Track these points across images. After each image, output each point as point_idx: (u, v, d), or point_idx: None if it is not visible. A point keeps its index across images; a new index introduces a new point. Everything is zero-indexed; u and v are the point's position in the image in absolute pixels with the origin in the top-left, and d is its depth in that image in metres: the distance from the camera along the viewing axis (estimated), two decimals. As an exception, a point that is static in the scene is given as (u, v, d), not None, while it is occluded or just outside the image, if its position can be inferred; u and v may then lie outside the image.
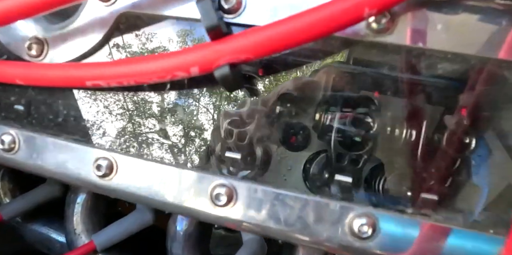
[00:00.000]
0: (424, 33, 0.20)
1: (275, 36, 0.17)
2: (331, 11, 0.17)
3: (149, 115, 0.27)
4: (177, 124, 0.27)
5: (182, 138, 0.28)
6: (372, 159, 0.26)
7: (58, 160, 0.25)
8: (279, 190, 0.22)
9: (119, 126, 0.26)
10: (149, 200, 0.24)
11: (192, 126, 0.28)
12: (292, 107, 0.28)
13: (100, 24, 0.24)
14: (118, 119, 0.26)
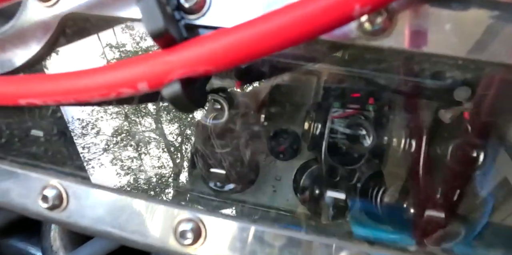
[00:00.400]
0: (429, 35, 0.16)
1: (242, 42, 0.13)
2: (312, 9, 0.13)
3: (110, 132, 0.23)
4: (141, 140, 0.24)
5: (147, 159, 0.24)
6: (368, 172, 0.24)
7: (1, 188, 0.21)
8: (257, 226, 0.18)
9: (71, 148, 0.22)
10: (107, 235, 0.20)
11: (157, 141, 0.24)
12: (279, 114, 0.25)
13: (42, 29, 0.20)
14: (71, 138, 0.22)
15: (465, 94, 0.20)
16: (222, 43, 0.14)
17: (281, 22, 0.13)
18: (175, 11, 0.16)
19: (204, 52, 0.14)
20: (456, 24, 0.17)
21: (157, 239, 0.19)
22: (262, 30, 0.13)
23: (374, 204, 0.24)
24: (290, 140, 0.26)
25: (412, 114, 0.22)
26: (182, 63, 0.14)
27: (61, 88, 0.16)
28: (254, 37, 0.13)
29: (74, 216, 0.20)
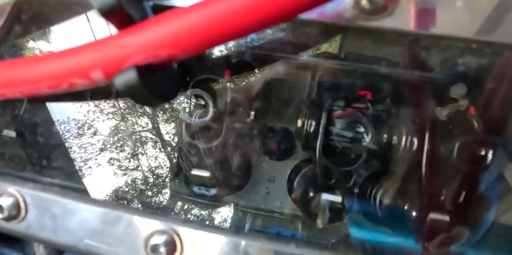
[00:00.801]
0: (437, 14, 0.14)
1: (211, 18, 0.11)
2: None
3: (74, 129, 0.20)
4: (114, 140, 0.21)
5: (123, 161, 0.21)
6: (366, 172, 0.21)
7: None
8: (240, 238, 0.16)
9: (29, 149, 0.20)
10: (71, 248, 0.18)
11: (137, 141, 0.21)
12: (270, 111, 0.23)
13: (-6, 14, 0.18)
14: (30, 141, 0.20)
15: (461, 91, 0.17)
16: (188, 20, 0.11)
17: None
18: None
19: (166, 32, 0.11)
20: (467, 1, 0.14)
21: (126, 254, 0.17)
22: (234, 4, 0.11)
23: (373, 206, 0.22)
24: (283, 139, 0.24)
25: (417, 110, 0.19)
26: (141, 46, 0.11)
27: (2, 78, 0.14)
28: (225, 12, 0.11)
29: (34, 228, 0.18)
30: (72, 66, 0.12)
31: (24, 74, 0.13)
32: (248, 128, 0.22)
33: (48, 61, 0.13)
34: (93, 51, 0.12)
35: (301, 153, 0.23)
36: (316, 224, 0.21)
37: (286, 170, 0.24)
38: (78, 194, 0.18)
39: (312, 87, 0.22)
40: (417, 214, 0.19)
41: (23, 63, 0.13)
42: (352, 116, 0.21)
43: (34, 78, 0.13)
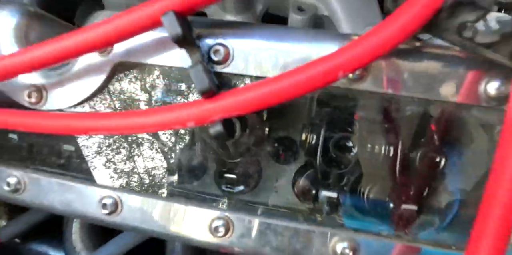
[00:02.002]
0: (394, 80, 0.23)
1: (261, 95, 0.20)
2: (309, 74, 0.19)
3: (146, 152, 0.29)
4: (173, 157, 0.29)
5: (182, 168, 0.30)
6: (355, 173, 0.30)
7: (65, 200, 0.27)
8: (271, 220, 0.25)
9: (120, 164, 0.28)
10: (154, 233, 0.26)
11: (187, 155, 0.30)
12: (280, 127, 0.31)
13: (97, 72, 0.26)
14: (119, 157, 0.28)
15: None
16: (247, 96, 0.20)
17: (291, 82, 0.19)
18: (207, 64, 0.22)
19: (234, 102, 0.20)
20: (413, 72, 0.23)
21: (196, 234, 0.25)
22: (275, 88, 0.20)
23: (362, 200, 0.30)
24: (289, 147, 0.32)
25: (387, 130, 0.28)
26: (220, 109, 0.20)
27: (126, 124, 0.22)
28: (270, 92, 0.20)
29: (128, 220, 0.26)
30: (175, 118, 0.21)
31: (141, 122, 0.22)
32: (262, 141, 0.30)
33: (159, 113, 0.21)
34: (190, 110, 0.21)
35: (303, 158, 0.31)
36: (316, 217, 0.29)
37: (291, 173, 0.32)
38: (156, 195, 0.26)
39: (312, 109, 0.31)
40: (394, 205, 0.28)
41: (141, 114, 0.22)
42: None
43: (149, 125, 0.21)
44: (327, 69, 0.19)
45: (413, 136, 0.27)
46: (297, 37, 0.24)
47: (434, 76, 0.23)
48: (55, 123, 0.24)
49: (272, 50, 0.23)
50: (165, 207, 0.26)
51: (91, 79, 0.26)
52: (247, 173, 0.30)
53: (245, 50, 0.23)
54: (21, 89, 0.27)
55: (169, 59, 0.24)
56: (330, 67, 0.19)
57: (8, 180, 0.28)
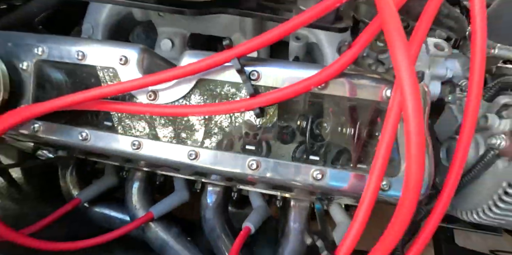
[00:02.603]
0: (341, 88, 0.46)
1: (276, 96, 0.43)
2: (298, 87, 0.42)
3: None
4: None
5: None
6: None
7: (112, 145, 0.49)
8: (279, 160, 0.47)
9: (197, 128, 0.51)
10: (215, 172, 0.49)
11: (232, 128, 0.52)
12: (284, 118, 0.54)
13: (188, 83, 0.49)
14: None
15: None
16: (270, 97, 0.43)
17: (290, 90, 0.42)
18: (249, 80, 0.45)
19: (264, 99, 0.43)
20: (351, 84, 0.46)
21: (239, 169, 0.48)
22: (283, 93, 0.43)
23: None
24: (289, 131, 0.54)
25: (345, 119, 0.51)
26: (258, 103, 0.43)
27: (210, 110, 0.45)
28: (281, 95, 0.43)
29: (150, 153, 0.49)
30: (238, 106, 0.44)
31: (218, 109, 0.44)
32: (272, 127, 0.52)
33: (228, 104, 0.44)
34: (243, 103, 0.44)
35: (298, 139, 0.54)
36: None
37: (291, 149, 0.53)
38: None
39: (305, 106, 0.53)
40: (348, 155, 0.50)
41: (216, 105, 0.45)
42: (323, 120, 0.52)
43: (221, 110, 0.44)
44: (306, 85, 0.42)
45: (356, 120, 0.50)
46: (294, 66, 0.47)
47: (364, 86, 0.46)
48: (163, 110, 0.47)
49: (281, 73, 0.46)
50: (225, 156, 0.49)
51: (185, 86, 0.49)
52: (261, 146, 0.52)
53: (267, 73, 0.46)
54: (144, 93, 0.50)
55: (230, 77, 0.47)
56: (308, 84, 0.42)
57: (82, 133, 0.51)
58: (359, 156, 0.49)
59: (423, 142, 0.36)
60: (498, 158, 0.52)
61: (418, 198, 0.36)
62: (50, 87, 0.55)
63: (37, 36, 0.54)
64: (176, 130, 0.51)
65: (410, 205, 0.38)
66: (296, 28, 0.43)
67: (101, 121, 0.52)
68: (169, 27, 0.76)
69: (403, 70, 0.35)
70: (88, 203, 0.87)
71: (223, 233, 0.77)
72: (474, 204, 0.56)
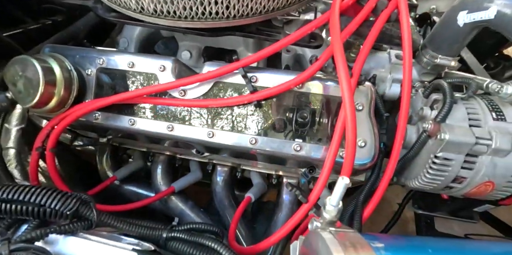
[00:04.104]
0: (312, 87, 0.66)
1: (270, 92, 0.64)
2: (282, 86, 0.63)
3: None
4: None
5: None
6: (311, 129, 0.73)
7: (149, 127, 0.70)
8: (271, 138, 0.68)
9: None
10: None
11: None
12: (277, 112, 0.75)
13: (206, 85, 0.70)
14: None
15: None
16: (264, 93, 0.64)
17: (277, 89, 0.64)
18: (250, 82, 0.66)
19: (261, 95, 0.64)
20: (318, 85, 0.67)
21: (240, 144, 0.68)
22: (273, 90, 0.64)
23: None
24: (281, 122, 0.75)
25: (319, 109, 0.72)
26: (256, 97, 0.64)
27: (221, 103, 0.66)
28: (272, 91, 0.64)
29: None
30: (242, 100, 0.65)
31: (227, 102, 0.66)
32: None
33: (235, 98, 0.65)
34: (246, 97, 0.65)
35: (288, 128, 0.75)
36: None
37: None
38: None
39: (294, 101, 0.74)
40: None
41: (227, 99, 0.66)
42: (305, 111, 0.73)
43: (230, 103, 0.65)
44: (288, 85, 0.63)
45: (326, 110, 0.71)
46: (282, 72, 0.68)
47: (329, 86, 0.67)
48: (191, 103, 0.68)
49: (272, 77, 0.67)
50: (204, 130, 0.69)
51: (205, 86, 0.70)
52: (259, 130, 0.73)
53: (263, 77, 0.67)
54: (177, 91, 0.71)
55: (237, 80, 0.68)
56: (289, 84, 0.63)
57: (130, 120, 0.71)
58: (328, 134, 0.70)
59: (354, 122, 0.57)
60: (429, 138, 0.72)
61: (354, 155, 0.56)
62: (107, 87, 0.76)
63: (98, 50, 0.76)
64: (199, 117, 0.72)
65: (349, 163, 0.58)
66: (284, 46, 0.64)
67: (144, 110, 0.73)
68: (188, 41, 0.97)
69: (343, 80, 0.56)
70: (119, 182, 1.08)
71: (229, 204, 0.98)
72: (415, 174, 0.77)
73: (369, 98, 0.66)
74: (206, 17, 0.62)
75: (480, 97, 0.75)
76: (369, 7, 0.65)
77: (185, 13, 0.61)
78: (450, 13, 0.78)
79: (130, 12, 0.65)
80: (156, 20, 0.63)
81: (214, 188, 0.99)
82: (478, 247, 0.42)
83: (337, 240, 0.30)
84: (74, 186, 1.21)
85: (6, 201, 0.48)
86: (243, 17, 0.63)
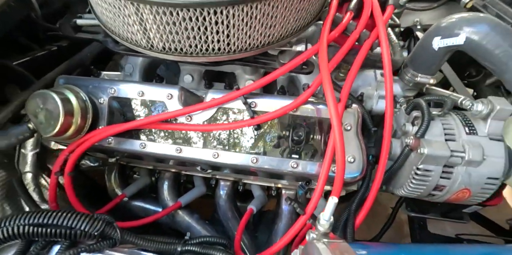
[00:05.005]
0: (306, 111, 0.74)
1: (269, 116, 0.71)
2: (279, 111, 0.71)
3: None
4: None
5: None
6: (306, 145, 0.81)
7: (159, 150, 0.78)
8: (270, 157, 0.76)
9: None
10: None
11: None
12: (275, 131, 0.83)
13: (211, 110, 0.77)
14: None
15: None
16: (263, 118, 0.72)
17: (275, 114, 0.72)
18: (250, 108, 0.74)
19: (260, 120, 0.72)
20: (312, 109, 0.75)
21: (242, 163, 0.76)
22: (272, 115, 0.72)
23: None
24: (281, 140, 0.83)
25: (316, 130, 0.80)
26: (255, 122, 0.72)
27: (227, 127, 0.74)
28: (270, 116, 0.72)
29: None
30: (243, 124, 0.73)
31: (231, 126, 0.73)
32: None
33: (238, 123, 0.73)
34: (247, 122, 0.72)
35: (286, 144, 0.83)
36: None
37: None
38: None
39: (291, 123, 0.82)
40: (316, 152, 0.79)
41: (229, 124, 0.73)
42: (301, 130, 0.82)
43: (232, 127, 0.73)
44: (284, 110, 0.71)
45: (318, 130, 0.79)
46: (278, 98, 0.76)
47: (320, 109, 0.75)
48: (196, 128, 0.76)
49: (270, 102, 0.75)
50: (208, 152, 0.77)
51: (209, 112, 0.77)
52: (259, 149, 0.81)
53: (262, 103, 0.75)
54: (184, 116, 0.78)
55: (238, 106, 0.76)
56: (285, 109, 0.71)
57: (142, 144, 0.79)
58: (322, 152, 0.78)
59: (342, 141, 0.65)
60: (411, 152, 0.81)
61: (343, 175, 0.64)
62: (118, 114, 0.83)
63: (110, 81, 0.83)
64: (204, 139, 0.79)
65: (340, 179, 0.67)
66: (280, 75, 0.73)
67: (154, 135, 0.81)
68: (190, 66, 1.05)
69: (332, 107, 0.64)
70: (128, 198, 1.14)
71: (232, 215, 1.05)
72: (400, 183, 0.85)
73: (356, 118, 0.74)
74: (209, 53, 0.70)
75: (455, 113, 0.84)
76: (353, 38, 0.74)
77: (191, 50, 0.69)
78: (426, 38, 0.87)
79: (140, 49, 0.73)
80: (164, 56, 0.71)
81: (217, 201, 1.06)
82: (460, 251, 0.49)
83: (330, 250, 0.38)
84: (86, 205, 1.27)
85: (41, 225, 0.55)
86: (242, 51, 0.71)
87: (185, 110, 0.75)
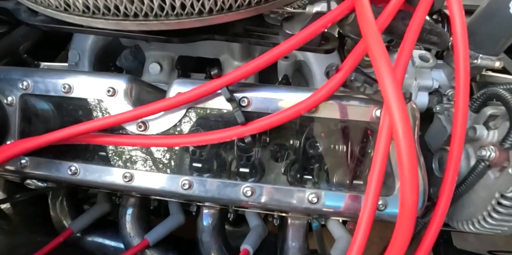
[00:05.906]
0: (330, 111, 0.46)
1: (267, 123, 0.43)
2: (288, 112, 0.42)
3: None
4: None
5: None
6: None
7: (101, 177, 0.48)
8: (274, 186, 0.47)
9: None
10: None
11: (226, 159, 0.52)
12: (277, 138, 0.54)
13: (178, 111, 0.48)
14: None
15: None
16: (261, 123, 0.43)
17: (280, 116, 0.43)
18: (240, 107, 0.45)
19: (255, 127, 0.43)
20: (341, 106, 0.46)
21: (235, 196, 0.47)
22: (274, 119, 0.43)
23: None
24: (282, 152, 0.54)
25: (338, 139, 0.51)
26: (249, 130, 0.43)
27: (199, 140, 0.45)
28: (271, 121, 0.43)
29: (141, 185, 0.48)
30: (227, 135, 0.44)
31: (208, 138, 0.44)
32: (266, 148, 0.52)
33: (220, 133, 0.44)
34: (234, 130, 0.43)
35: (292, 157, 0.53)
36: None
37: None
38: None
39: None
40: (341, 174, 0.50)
41: (206, 134, 0.44)
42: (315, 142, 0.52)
43: (212, 140, 0.44)
44: (296, 110, 0.42)
45: (348, 140, 0.50)
46: (284, 90, 0.47)
47: (354, 107, 0.47)
48: (154, 141, 0.46)
49: (271, 98, 0.47)
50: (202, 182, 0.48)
51: (175, 115, 0.48)
52: (256, 168, 0.52)
53: (257, 99, 0.47)
54: (134, 123, 0.49)
55: (220, 105, 0.47)
56: (298, 109, 0.42)
57: (71, 167, 0.50)
58: (353, 175, 0.49)
59: (415, 163, 0.36)
60: (489, 169, 0.53)
61: (415, 217, 0.36)
62: (37, 121, 0.53)
63: (21, 70, 0.54)
64: (168, 159, 0.50)
65: (408, 225, 0.38)
66: (285, 53, 0.44)
67: (90, 153, 0.51)
68: (157, 51, 0.76)
69: (391, 95, 0.35)
70: (80, 233, 0.85)
71: None
72: (469, 215, 0.57)
73: (414, 120, 0.46)
74: (167, 14, 0.41)
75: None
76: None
77: (133, 8, 0.39)
78: (498, 1, 0.59)
79: (53, 12, 0.43)
80: (89, 21, 0.42)
81: (200, 236, 0.76)
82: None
83: None
84: (31, 232, 0.97)
85: None
86: (223, 11, 0.42)
87: (135, 112, 0.46)
